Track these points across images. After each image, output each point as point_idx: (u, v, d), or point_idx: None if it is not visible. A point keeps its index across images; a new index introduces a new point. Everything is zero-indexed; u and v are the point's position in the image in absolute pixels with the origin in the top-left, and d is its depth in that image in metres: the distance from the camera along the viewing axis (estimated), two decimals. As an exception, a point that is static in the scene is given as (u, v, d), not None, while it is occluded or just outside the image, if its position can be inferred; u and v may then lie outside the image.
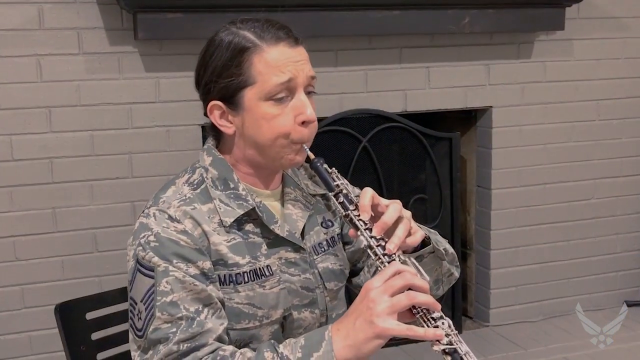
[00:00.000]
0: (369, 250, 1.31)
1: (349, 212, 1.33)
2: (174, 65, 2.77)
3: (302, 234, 1.47)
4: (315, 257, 1.48)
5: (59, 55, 2.65)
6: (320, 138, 3.07)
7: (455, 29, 3.05)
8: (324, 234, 1.52)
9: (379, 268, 1.29)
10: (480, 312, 3.52)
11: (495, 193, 3.37)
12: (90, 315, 1.71)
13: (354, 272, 1.62)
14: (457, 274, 1.58)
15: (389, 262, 1.28)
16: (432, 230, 1.54)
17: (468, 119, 3.42)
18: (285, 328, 1.43)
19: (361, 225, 1.31)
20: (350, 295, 1.57)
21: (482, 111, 3.35)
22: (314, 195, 1.54)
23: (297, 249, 1.45)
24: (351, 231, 1.34)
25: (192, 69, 2.81)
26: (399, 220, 1.32)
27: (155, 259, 1.31)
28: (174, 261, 1.31)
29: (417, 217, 3.12)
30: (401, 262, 1.28)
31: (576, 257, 3.55)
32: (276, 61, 1.34)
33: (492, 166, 3.34)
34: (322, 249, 1.50)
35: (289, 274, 1.42)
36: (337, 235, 1.56)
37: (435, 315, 1.24)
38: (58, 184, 2.71)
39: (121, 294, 1.73)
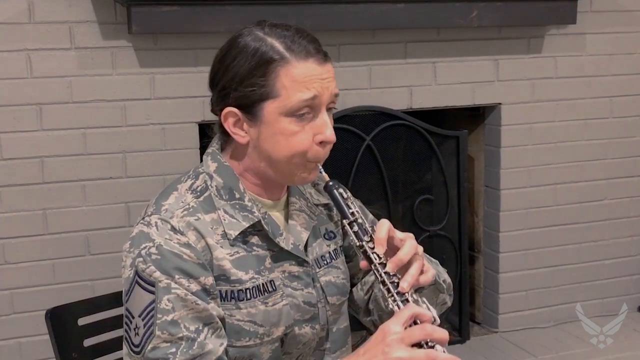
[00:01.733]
0: (381, 286, 1.31)
1: (364, 243, 1.34)
2: (170, 61, 2.76)
3: (305, 246, 1.47)
4: (317, 270, 1.48)
5: (50, 50, 2.65)
6: (322, 136, 3.08)
7: (462, 23, 3.04)
8: (327, 245, 1.52)
9: (391, 307, 1.30)
10: (488, 317, 3.52)
11: (504, 193, 3.36)
12: (82, 321, 1.71)
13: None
14: (449, 303, 1.60)
15: (402, 302, 1.29)
16: (433, 260, 1.56)
17: (476, 117, 3.42)
18: (285, 343, 1.43)
19: (375, 259, 1.32)
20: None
21: (490, 108, 3.34)
22: (317, 205, 1.54)
23: (301, 262, 1.45)
24: (363, 263, 1.35)
25: (188, 64, 2.81)
26: (413, 257, 1.33)
27: (157, 274, 1.30)
28: (176, 276, 1.30)
29: (423, 219, 3.12)
30: (414, 301, 1.29)
31: (589, 260, 3.55)
32: (303, 77, 1.33)
33: (500, 165, 3.33)
34: (325, 262, 1.50)
35: (291, 288, 1.42)
36: (340, 247, 1.56)
37: None
38: (49, 184, 2.71)
39: (115, 299, 1.72)
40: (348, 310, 1.59)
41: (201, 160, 1.48)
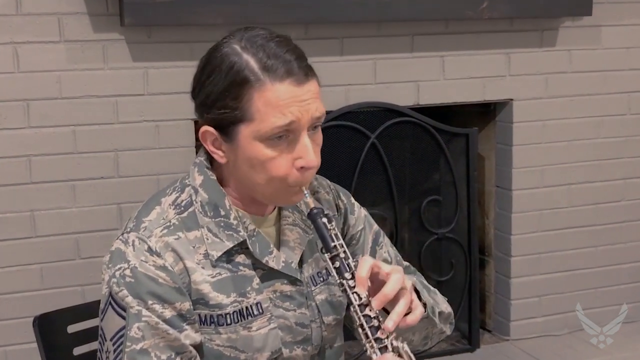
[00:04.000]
0: (360, 330, 1.29)
1: (344, 281, 1.31)
2: (164, 55, 2.76)
3: (300, 262, 1.45)
4: (312, 288, 1.47)
5: (38, 43, 2.64)
6: (324, 134, 3.05)
7: (472, 14, 3.04)
8: (324, 261, 1.48)
9: (369, 353, 1.28)
10: (499, 324, 3.51)
11: (516, 194, 3.36)
12: (72, 329, 1.72)
13: None
14: (449, 332, 1.59)
15: (379, 349, 1.27)
16: (431, 288, 1.55)
17: (486, 113, 3.41)
18: None
19: (355, 300, 1.30)
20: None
21: (501, 104, 3.34)
22: None
23: (293, 281, 1.43)
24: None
25: (183, 58, 2.80)
26: (400, 292, 1.30)
27: (129, 299, 1.31)
28: (149, 302, 1.31)
29: (430, 221, 3.10)
30: (393, 349, 1.27)
31: (605, 264, 3.54)
32: (278, 100, 1.28)
33: (512, 165, 3.33)
34: (321, 279, 1.49)
35: (283, 309, 1.41)
36: None
37: None
38: (37, 184, 2.71)
39: (106, 305, 1.72)
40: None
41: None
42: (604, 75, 3.40)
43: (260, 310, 1.38)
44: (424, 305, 1.43)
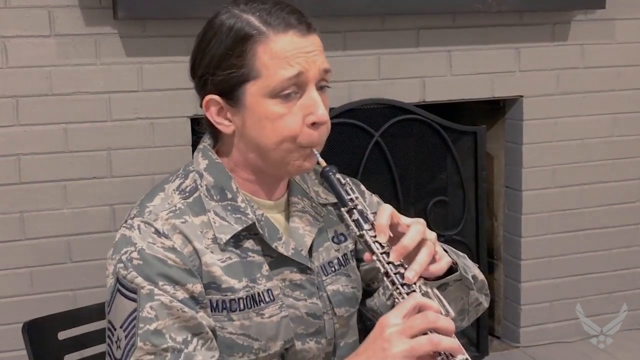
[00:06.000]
0: (385, 278, 1.29)
1: (364, 232, 1.31)
2: (159, 49, 2.76)
3: (310, 251, 1.45)
4: (323, 278, 1.46)
5: (28, 38, 2.64)
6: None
7: (480, 8, 3.04)
8: (335, 250, 1.51)
9: (397, 300, 1.27)
10: (509, 331, 3.51)
11: (526, 195, 3.35)
12: (63, 335, 1.72)
13: (368, 292, 1.61)
14: (486, 304, 1.59)
15: (407, 294, 1.26)
16: (460, 253, 1.53)
17: (495, 110, 3.41)
18: None
19: (377, 249, 1.30)
20: (363, 319, 1.55)
21: (511, 101, 3.34)
22: (324, 205, 1.51)
23: (304, 269, 1.43)
24: (366, 255, 1.32)
25: (179, 53, 2.80)
26: (421, 243, 1.30)
27: (139, 280, 1.30)
28: (160, 283, 1.30)
29: (437, 223, 3.09)
30: (422, 294, 1.26)
31: (619, 268, 3.54)
32: (284, 52, 1.32)
33: (522, 164, 3.33)
34: (333, 269, 1.48)
35: (293, 298, 1.41)
36: (351, 252, 1.54)
37: (458, 358, 1.21)
38: (26, 185, 2.71)
39: (98, 311, 1.72)
40: (368, 319, 1.57)
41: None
42: (617, 71, 3.40)
43: (272, 297, 1.38)
44: (455, 264, 1.41)
